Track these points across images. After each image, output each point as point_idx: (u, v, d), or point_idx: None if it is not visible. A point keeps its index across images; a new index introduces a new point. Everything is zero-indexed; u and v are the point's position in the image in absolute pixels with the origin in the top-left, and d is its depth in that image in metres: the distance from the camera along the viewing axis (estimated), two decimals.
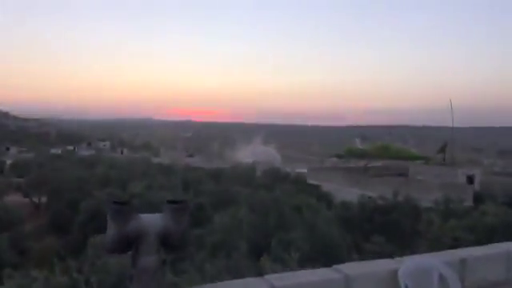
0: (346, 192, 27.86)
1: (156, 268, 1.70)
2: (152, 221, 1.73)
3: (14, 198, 30.01)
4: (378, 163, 39.16)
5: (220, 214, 12.03)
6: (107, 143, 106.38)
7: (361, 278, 2.05)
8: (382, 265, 2.19)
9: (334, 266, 2.11)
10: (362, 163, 37.04)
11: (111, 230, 1.64)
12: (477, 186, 26.63)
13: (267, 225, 12.15)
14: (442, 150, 35.52)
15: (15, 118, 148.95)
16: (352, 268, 2.10)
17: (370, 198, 24.49)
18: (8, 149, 78.91)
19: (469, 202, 20.62)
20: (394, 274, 2.11)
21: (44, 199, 31.05)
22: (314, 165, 44.25)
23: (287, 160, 75.24)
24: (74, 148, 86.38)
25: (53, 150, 72.39)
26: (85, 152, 74.73)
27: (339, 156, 43.06)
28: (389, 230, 19.12)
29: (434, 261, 2.28)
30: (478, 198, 21.70)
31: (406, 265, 2.16)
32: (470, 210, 14.94)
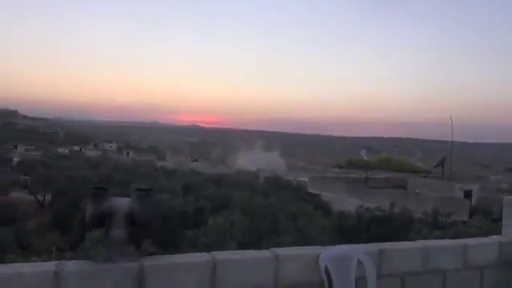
0: (345, 202, 28.22)
1: (123, 240, 2.24)
2: (121, 203, 2.27)
3: (20, 195, 30.79)
4: (379, 175, 39.46)
5: (214, 217, 12.52)
6: (114, 145, 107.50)
7: (289, 258, 2.55)
8: (311, 250, 2.70)
9: (271, 249, 2.63)
10: (362, 174, 37.39)
11: (90, 208, 2.20)
12: (475, 201, 26.89)
13: (259, 229, 12.62)
14: (441, 163, 35.84)
15: (24, 117, 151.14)
16: (283, 250, 2.62)
17: (367, 208, 24.86)
18: (15, 147, 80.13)
19: (464, 216, 20.93)
20: (318, 257, 2.61)
21: (49, 197, 31.80)
22: (316, 174, 44.65)
23: (292, 168, 75.71)
24: (81, 149, 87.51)
25: (60, 150, 73.53)
26: (91, 153, 75.81)
27: (340, 166, 43.46)
28: (384, 240, 19.45)
29: (355, 249, 2.79)
30: (474, 213, 21.98)
31: (328, 250, 2.67)
32: (456, 223, 15.30)
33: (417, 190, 29.69)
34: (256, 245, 10.93)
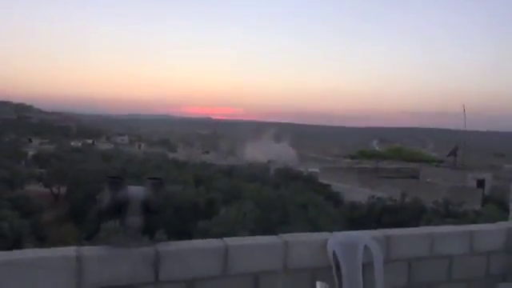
0: (356, 192, 28.22)
1: (138, 226, 2.35)
2: (137, 191, 2.38)
3: (35, 188, 31.41)
4: (391, 165, 39.22)
5: (226, 208, 12.67)
6: (125, 138, 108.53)
7: (298, 244, 2.64)
8: (320, 236, 2.78)
9: (280, 235, 2.72)
10: (374, 165, 37.22)
11: (107, 196, 2.30)
12: (487, 190, 26.62)
13: (270, 219, 12.74)
14: (453, 152, 35.42)
15: (39, 111, 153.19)
16: (293, 236, 2.71)
17: (378, 198, 24.85)
18: (30, 140, 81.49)
19: (476, 206, 20.77)
20: (326, 243, 2.70)
21: (63, 190, 32.38)
22: (327, 165, 44.58)
23: (303, 159, 75.67)
24: (93, 142, 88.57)
25: (73, 143, 74.55)
26: (104, 146, 76.72)
27: (352, 157, 43.24)
28: None
29: (362, 234, 2.87)
30: (487, 202, 21.82)
31: (336, 236, 2.75)
32: (467, 212, 15.21)
33: (428, 180, 29.49)
34: (267, 235, 11.06)
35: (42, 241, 16.69)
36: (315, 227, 13.91)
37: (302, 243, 2.67)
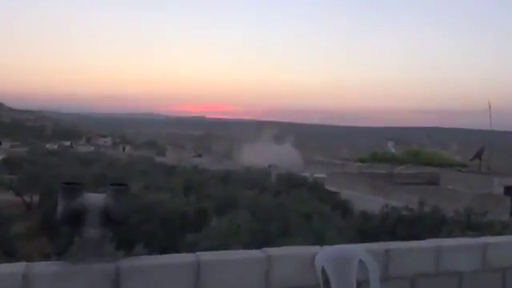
0: (368, 200, 28.19)
1: (98, 239, 2.33)
2: (96, 199, 2.36)
3: (5, 197, 31.33)
4: (408, 170, 39.21)
5: (219, 219, 12.66)
6: (108, 140, 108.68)
7: (282, 258, 2.62)
8: (308, 250, 2.76)
9: (263, 248, 2.70)
10: (389, 169, 37.21)
11: (61, 204, 2.29)
12: None
13: (268, 231, 12.73)
14: (478, 155, 35.37)
15: (10, 109, 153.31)
16: (277, 250, 2.69)
17: (393, 207, 24.82)
18: (0, 143, 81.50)
19: (504, 216, 20.75)
20: (314, 258, 2.68)
21: (36, 198, 32.33)
22: (335, 169, 44.59)
23: (308, 163, 75.62)
24: (72, 144, 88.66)
25: (48, 146, 74.61)
26: (83, 148, 76.77)
27: (363, 160, 43.25)
28: None
29: (356, 248, 2.85)
30: None
31: (326, 250, 2.73)
32: (493, 223, 15.20)
33: (450, 186, 29.47)
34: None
35: (10, 256, 16.66)
36: (320, 240, 13.88)
37: (287, 258, 2.65)
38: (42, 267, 2.22)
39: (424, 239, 3.25)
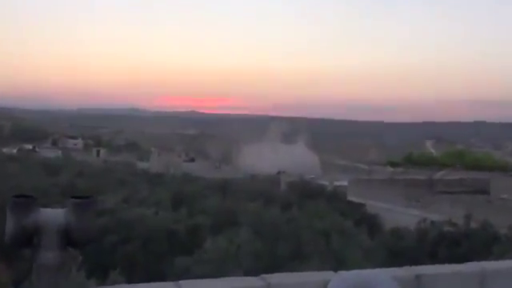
0: (401, 214, 28.19)
1: (57, 264, 2.34)
2: (53, 215, 2.36)
3: None
4: (451, 175, 39.14)
5: (215, 238, 12.73)
6: (79, 142, 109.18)
7: (287, 287, 2.63)
8: (319, 276, 2.76)
9: (262, 275, 2.71)
10: (426, 174, 37.20)
11: (10, 222, 2.29)
12: None
13: (276, 253, 12.76)
14: None
15: None
16: (280, 277, 2.69)
17: (432, 222, 24.82)
18: None
19: None
20: (326, 286, 2.67)
21: None
22: (360, 176, 44.62)
23: (328, 169, 75.66)
24: (34, 147, 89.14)
25: (5, 150, 74.92)
26: (48, 153, 77.19)
27: (395, 164, 43.21)
28: None
29: (379, 274, 2.84)
30: None
31: (341, 276, 2.73)
32: None
33: (503, 196, 29.36)
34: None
35: None
36: (341, 264, 13.88)
37: (290, 286, 2.65)
38: None
39: (471, 261, 3.24)
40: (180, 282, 2.50)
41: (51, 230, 2.33)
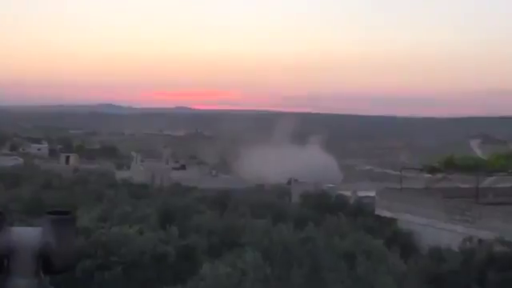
0: (441, 231, 28.15)
1: None
2: (28, 235, 2.39)
3: None
4: (502, 182, 39.04)
5: (212, 263, 12.80)
6: (44, 146, 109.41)
7: None
8: None
9: None
10: (471, 182, 37.11)
11: None
12: None
13: (288, 279, 12.83)
14: None
15: None
16: None
17: (480, 241, 24.79)
18: None
19: None
20: None
21: None
22: (389, 184, 44.55)
23: (350, 176, 75.62)
24: None
25: None
26: (6, 160, 77.37)
27: (432, 169, 43.09)
28: None
29: None
30: None
31: None
32: None
33: None
34: None
35: None
36: None
37: None
38: None
39: None
40: None
41: (25, 253, 2.36)
